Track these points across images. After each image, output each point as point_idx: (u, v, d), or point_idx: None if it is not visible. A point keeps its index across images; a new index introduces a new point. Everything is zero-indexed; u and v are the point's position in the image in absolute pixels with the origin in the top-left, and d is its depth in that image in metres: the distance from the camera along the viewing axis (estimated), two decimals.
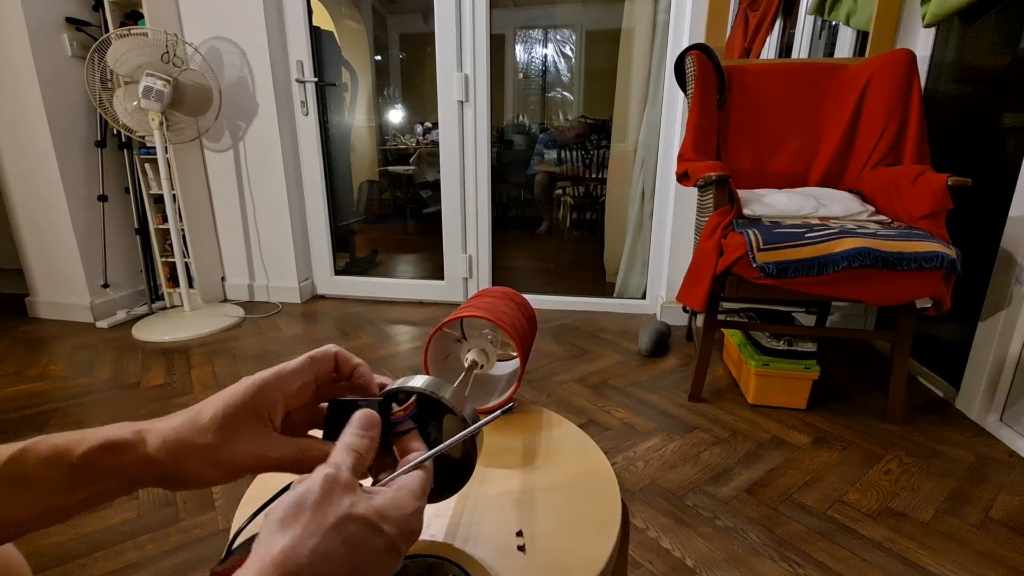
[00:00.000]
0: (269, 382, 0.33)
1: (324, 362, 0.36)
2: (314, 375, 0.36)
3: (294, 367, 0.34)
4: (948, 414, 1.46)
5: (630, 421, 1.43)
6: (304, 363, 0.35)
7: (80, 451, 0.28)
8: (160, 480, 0.31)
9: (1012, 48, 1.45)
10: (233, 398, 0.32)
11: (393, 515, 0.28)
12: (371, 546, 0.26)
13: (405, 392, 0.36)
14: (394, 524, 0.28)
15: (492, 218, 2.39)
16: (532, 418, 0.64)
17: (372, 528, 0.27)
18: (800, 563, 0.94)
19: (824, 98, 1.71)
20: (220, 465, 0.31)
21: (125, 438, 0.30)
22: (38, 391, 1.61)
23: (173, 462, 0.30)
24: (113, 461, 0.29)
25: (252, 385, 0.33)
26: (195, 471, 0.31)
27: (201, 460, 0.31)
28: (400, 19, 4.13)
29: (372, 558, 0.26)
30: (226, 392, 0.32)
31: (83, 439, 0.29)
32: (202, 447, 0.31)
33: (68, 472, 0.28)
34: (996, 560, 0.95)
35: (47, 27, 1.97)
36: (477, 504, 0.49)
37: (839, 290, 1.26)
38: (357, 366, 0.37)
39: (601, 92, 3.73)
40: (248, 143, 2.35)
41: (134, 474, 0.30)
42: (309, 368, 0.35)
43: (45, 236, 2.15)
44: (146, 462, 0.30)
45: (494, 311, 0.65)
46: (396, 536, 0.27)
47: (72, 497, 0.28)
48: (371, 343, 2.03)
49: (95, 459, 0.29)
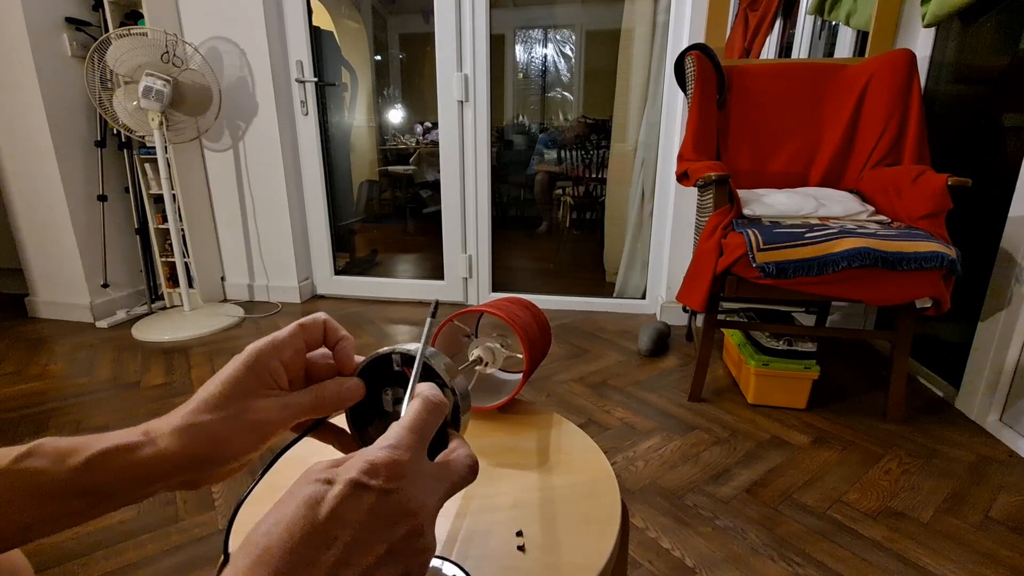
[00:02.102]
0: (264, 350, 0.32)
1: (314, 329, 0.36)
2: (304, 342, 0.35)
3: (286, 334, 0.34)
4: (948, 414, 1.46)
5: (630, 421, 1.43)
6: (295, 330, 0.35)
7: (89, 452, 0.28)
8: (180, 472, 0.29)
9: (1012, 48, 1.45)
10: (235, 372, 0.31)
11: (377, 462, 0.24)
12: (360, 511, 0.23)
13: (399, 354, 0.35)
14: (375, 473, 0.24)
15: (492, 218, 2.39)
16: (532, 418, 0.64)
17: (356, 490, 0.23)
18: (800, 563, 0.94)
19: (824, 98, 1.71)
20: (248, 429, 0.30)
21: (134, 439, 0.29)
22: (38, 391, 1.61)
23: (192, 446, 0.29)
24: (123, 459, 0.28)
25: (249, 356, 0.32)
26: (224, 445, 0.30)
27: (225, 432, 0.30)
28: (400, 19, 4.13)
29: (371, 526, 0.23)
30: (225, 369, 0.32)
31: (91, 442, 0.28)
32: (220, 421, 0.30)
33: (76, 471, 0.27)
34: (996, 560, 0.95)
35: (47, 27, 1.97)
36: (477, 504, 0.49)
37: (839, 290, 1.26)
38: (342, 338, 0.37)
39: (601, 92, 3.73)
40: (248, 143, 2.35)
41: (147, 471, 0.29)
42: (300, 335, 0.35)
43: (45, 236, 2.15)
44: (160, 457, 0.29)
45: (508, 311, 0.65)
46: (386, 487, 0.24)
47: (79, 502, 0.27)
48: (371, 343, 2.03)
49: (105, 459, 0.28)
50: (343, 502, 0.23)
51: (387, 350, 0.36)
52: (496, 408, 0.64)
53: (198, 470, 0.30)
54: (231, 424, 0.30)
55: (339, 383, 0.35)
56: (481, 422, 0.63)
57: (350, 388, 0.35)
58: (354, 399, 0.35)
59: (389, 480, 0.24)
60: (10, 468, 0.26)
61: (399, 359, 0.36)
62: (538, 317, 0.71)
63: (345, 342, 0.37)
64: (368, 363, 0.36)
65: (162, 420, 0.30)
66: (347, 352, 0.37)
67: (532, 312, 0.71)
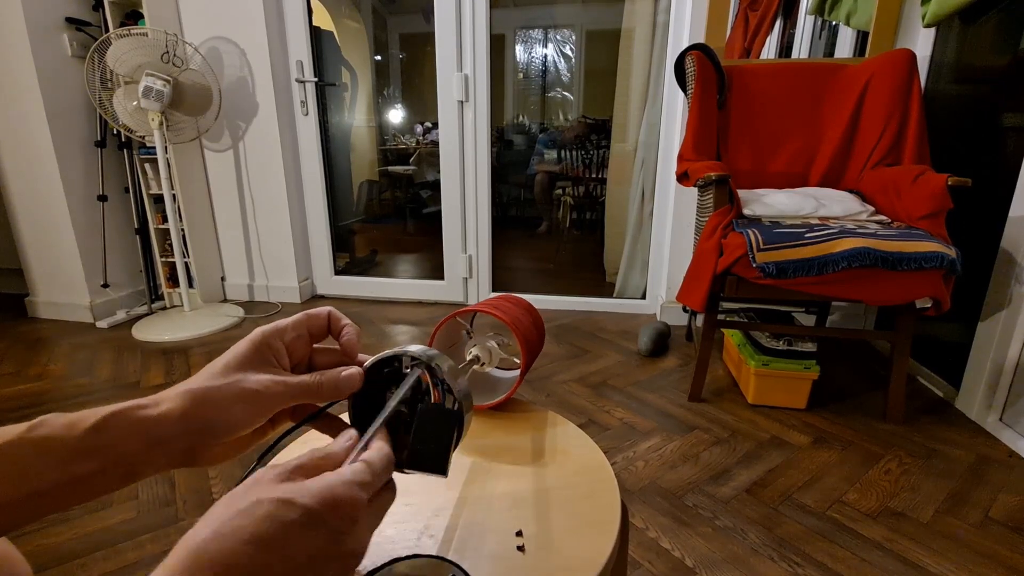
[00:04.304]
0: (268, 332, 0.35)
1: (318, 318, 0.38)
2: (308, 329, 0.37)
3: (291, 320, 0.36)
4: (948, 414, 1.46)
5: (630, 421, 1.43)
6: (300, 317, 0.37)
7: (97, 416, 0.29)
8: (182, 437, 0.30)
9: (1012, 48, 1.45)
10: (240, 348, 0.33)
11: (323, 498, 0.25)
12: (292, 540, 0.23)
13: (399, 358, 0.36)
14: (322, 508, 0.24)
15: (492, 218, 2.39)
16: (532, 418, 0.64)
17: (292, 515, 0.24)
18: (800, 563, 0.94)
19: (824, 98, 1.71)
20: (245, 398, 0.32)
21: (140, 402, 0.30)
22: (38, 391, 1.61)
23: (193, 409, 0.30)
24: (128, 419, 0.29)
25: (255, 336, 0.34)
26: (224, 412, 0.31)
27: (225, 400, 0.31)
28: (400, 19, 4.13)
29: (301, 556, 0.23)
30: (231, 348, 0.34)
31: (99, 409, 0.29)
32: (220, 387, 0.31)
33: (84, 434, 0.28)
34: (996, 560, 0.95)
35: (47, 27, 1.97)
36: (477, 504, 0.49)
37: (839, 290, 1.26)
38: (345, 326, 0.38)
39: (601, 92, 3.73)
40: (248, 143, 2.35)
41: (152, 431, 0.29)
42: (304, 322, 0.37)
43: (45, 236, 2.15)
44: (164, 417, 0.30)
45: (508, 313, 0.65)
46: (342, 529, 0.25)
47: (88, 464, 0.28)
48: (371, 343, 2.03)
49: (114, 419, 0.29)
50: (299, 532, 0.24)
51: (396, 351, 0.36)
52: (492, 407, 0.65)
53: (196, 439, 0.31)
54: (229, 392, 0.31)
55: (339, 370, 0.35)
56: (480, 422, 0.63)
57: (350, 376, 0.35)
58: (353, 387, 0.35)
59: (346, 522, 0.25)
60: (23, 437, 0.27)
61: (408, 361, 0.36)
62: (533, 316, 0.71)
63: (348, 329, 0.38)
64: (375, 363, 0.36)
65: (168, 390, 0.32)
66: (351, 340, 0.38)
67: (527, 311, 0.71)
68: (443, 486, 0.51)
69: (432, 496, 0.50)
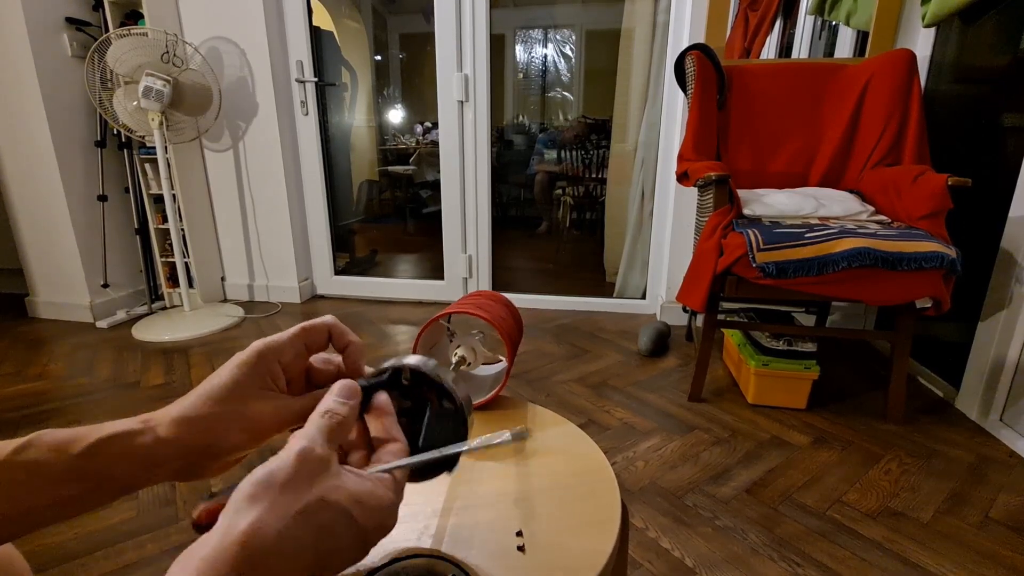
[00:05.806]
0: (265, 352, 0.33)
1: (317, 333, 0.36)
2: (306, 345, 0.35)
3: (287, 336, 0.34)
4: (948, 414, 1.46)
5: (630, 421, 1.43)
6: (297, 332, 0.35)
7: (87, 441, 0.28)
8: (176, 460, 0.30)
9: (1012, 48, 1.45)
10: (234, 371, 0.32)
11: (369, 505, 0.27)
12: (340, 536, 0.25)
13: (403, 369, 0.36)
14: (368, 516, 0.27)
15: (492, 218, 2.39)
16: (532, 418, 0.64)
17: (345, 518, 0.26)
18: (800, 563, 0.94)
19: (824, 98, 1.71)
20: (243, 427, 0.31)
21: (133, 427, 0.30)
22: (38, 391, 1.61)
23: (189, 436, 0.30)
24: (121, 446, 0.29)
25: (250, 356, 0.33)
26: (221, 439, 0.31)
27: (222, 427, 0.31)
28: (400, 19, 4.13)
29: (339, 548, 0.26)
30: (226, 366, 0.32)
31: (91, 431, 0.29)
32: (218, 415, 0.31)
33: (75, 459, 0.28)
34: (996, 560, 0.95)
35: (47, 27, 1.96)
36: (477, 504, 0.49)
37: (839, 290, 1.26)
38: (351, 343, 0.37)
39: (601, 92, 3.73)
40: (248, 143, 2.35)
41: (145, 458, 0.29)
42: (301, 337, 0.35)
43: (45, 236, 2.14)
44: (158, 445, 0.29)
45: (491, 312, 0.66)
46: (368, 528, 0.27)
47: (79, 487, 0.28)
48: (371, 343, 2.03)
49: (105, 446, 0.29)
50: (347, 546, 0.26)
51: (394, 363, 0.36)
52: (483, 404, 0.65)
53: (194, 460, 0.31)
54: (227, 420, 0.31)
55: None
56: (481, 422, 0.63)
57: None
58: None
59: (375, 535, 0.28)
60: (10, 460, 0.27)
61: (407, 374, 0.36)
62: (510, 309, 0.72)
63: (354, 347, 0.37)
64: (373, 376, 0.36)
65: (162, 411, 0.31)
66: (355, 357, 0.37)
67: (505, 305, 0.72)
68: (443, 486, 0.51)
69: (432, 496, 0.50)
